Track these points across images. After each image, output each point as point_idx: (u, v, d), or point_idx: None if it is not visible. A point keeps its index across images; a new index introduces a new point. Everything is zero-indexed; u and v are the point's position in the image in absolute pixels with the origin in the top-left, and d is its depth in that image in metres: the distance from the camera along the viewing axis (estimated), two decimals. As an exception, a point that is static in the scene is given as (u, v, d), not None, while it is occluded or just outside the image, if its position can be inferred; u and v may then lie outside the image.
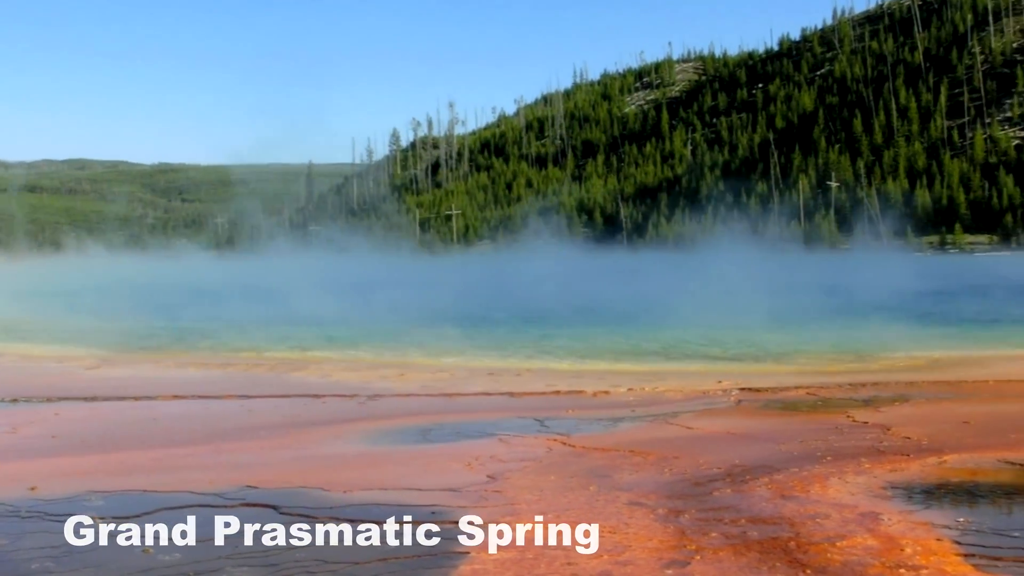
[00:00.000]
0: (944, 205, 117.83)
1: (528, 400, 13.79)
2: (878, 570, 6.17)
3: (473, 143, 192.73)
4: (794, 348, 20.82)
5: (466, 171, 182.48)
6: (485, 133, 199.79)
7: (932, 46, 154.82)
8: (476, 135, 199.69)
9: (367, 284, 45.05)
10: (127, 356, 20.68)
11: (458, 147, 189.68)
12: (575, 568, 6.23)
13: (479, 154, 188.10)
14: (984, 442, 10.25)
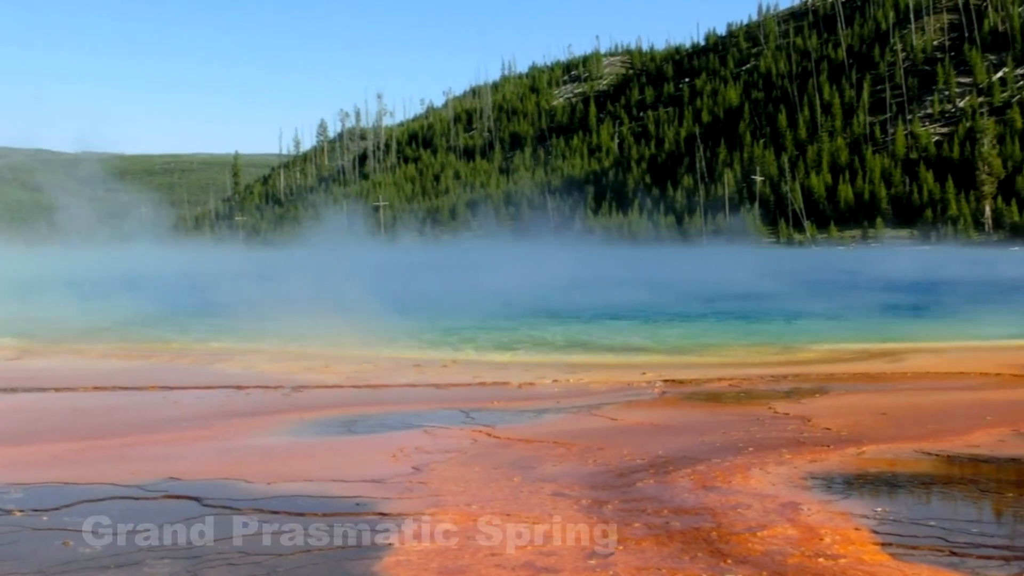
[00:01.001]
0: (866, 200, 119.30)
1: (454, 391, 13.81)
2: (798, 559, 6.25)
3: (401, 135, 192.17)
4: (718, 341, 21.02)
5: (394, 163, 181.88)
6: (413, 125, 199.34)
7: (855, 43, 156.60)
8: (404, 127, 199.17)
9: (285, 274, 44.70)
10: (49, 347, 20.40)
11: (386, 138, 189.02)
12: (499, 559, 6.25)
13: (407, 146, 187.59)
14: (901, 433, 10.42)
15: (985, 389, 13.78)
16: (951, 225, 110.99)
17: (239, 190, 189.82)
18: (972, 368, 15.92)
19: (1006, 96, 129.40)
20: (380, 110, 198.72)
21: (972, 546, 6.52)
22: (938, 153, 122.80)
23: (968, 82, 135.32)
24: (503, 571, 6.01)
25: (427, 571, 6.01)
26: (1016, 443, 9.88)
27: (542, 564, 6.14)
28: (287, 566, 6.16)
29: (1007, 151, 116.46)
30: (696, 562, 6.17)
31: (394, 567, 6.09)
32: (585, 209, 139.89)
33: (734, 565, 6.12)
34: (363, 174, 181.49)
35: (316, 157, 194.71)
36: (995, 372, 15.41)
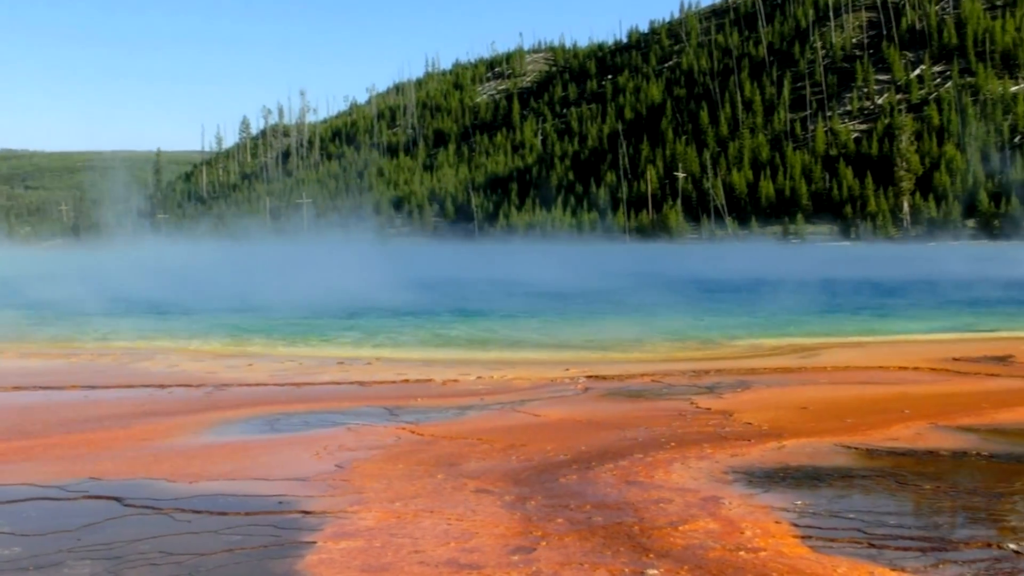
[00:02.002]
0: (787, 196, 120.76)
1: (378, 389, 13.76)
2: (719, 553, 6.29)
3: (325, 132, 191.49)
4: (640, 336, 21.14)
5: (317, 160, 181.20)
6: (337, 122, 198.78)
7: (776, 40, 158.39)
8: (328, 124, 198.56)
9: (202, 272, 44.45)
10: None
11: (309, 135, 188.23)
12: (422, 556, 6.24)
13: (331, 143, 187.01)
14: (821, 427, 10.54)
15: (904, 383, 13.98)
16: (870, 221, 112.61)
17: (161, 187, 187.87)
18: (891, 362, 16.16)
19: (923, 93, 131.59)
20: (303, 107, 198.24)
21: (890, 538, 6.60)
22: (857, 150, 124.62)
23: (886, 79, 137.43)
24: (426, 568, 6.00)
25: (350, 569, 5.98)
26: (934, 436, 10.02)
27: (465, 560, 6.13)
28: (209, 565, 6.10)
29: (925, 148, 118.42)
30: (618, 557, 6.20)
31: (317, 565, 6.05)
32: (509, 206, 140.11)
33: (656, 559, 6.15)
34: (286, 171, 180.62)
35: (239, 154, 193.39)
36: (914, 366, 15.65)
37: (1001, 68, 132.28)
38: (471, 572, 5.92)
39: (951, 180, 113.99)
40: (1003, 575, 5.90)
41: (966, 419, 10.93)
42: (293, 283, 35.89)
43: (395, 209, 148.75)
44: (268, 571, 6.00)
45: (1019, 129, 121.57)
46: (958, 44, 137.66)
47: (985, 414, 11.24)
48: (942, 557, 6.21)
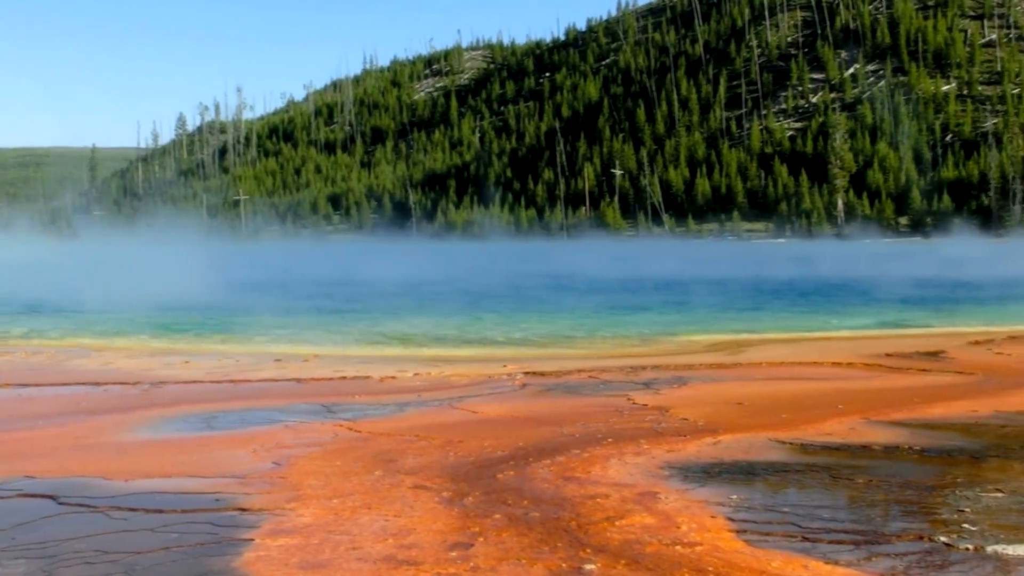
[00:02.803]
0: (723, 193, 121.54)
1: (315, 386, 13.72)
2: (655, 547, 6.34)
3: (261, 128, 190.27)
4: (579, 332, 21.21)
5: (254, 156, 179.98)
6: (274, 119, 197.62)
7: (712, 39, 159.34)
8: (265, 120, 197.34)
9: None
10: None
11: (246, 132, 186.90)
12: (360, 552, 6.24)
13: (267, 139, 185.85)
14: (756, 422, 10.64)
15: (838, 379, 14.15)
16: (805, 218, 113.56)
17: (96, 184, 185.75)
18: (825, 358, 16.33)
19: (857, 92, 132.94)
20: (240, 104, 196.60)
21: (824, 531, 6.68)
22: (792, 148, 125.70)
23: (821, 78, 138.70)
24: (364, 564, 6.00)
25: (287, 566, 5.97)
26: (867, 431, 10.15)
27: (403, 557, 6.14)
28: (145, 564, 6.06)
29: (858, 145, 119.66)
30: (555, 552, 6.23)
31: (254, 563, 6.04)
32: (447, 203, 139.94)
33: (593, 554, 6.19)
34: (223, 168, 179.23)
35: (175, 151, 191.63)
36: (847, 362, 15.83)
37: (933, 67, 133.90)
38: (409, 568, 5.93)
39: (884, 178, 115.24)
40: (934, 567, 5.98)
41: (898, 414, 11.08)
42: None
43: (333, 206, 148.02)
44: (205, 568, 5.97)
45: (950, 128, 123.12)
46: (891, 43, 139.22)
47: (917, 409, 11.40)
48: (874, 550, 6.29)
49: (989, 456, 9.03)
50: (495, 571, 5.87)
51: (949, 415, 11.04)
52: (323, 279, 42.16)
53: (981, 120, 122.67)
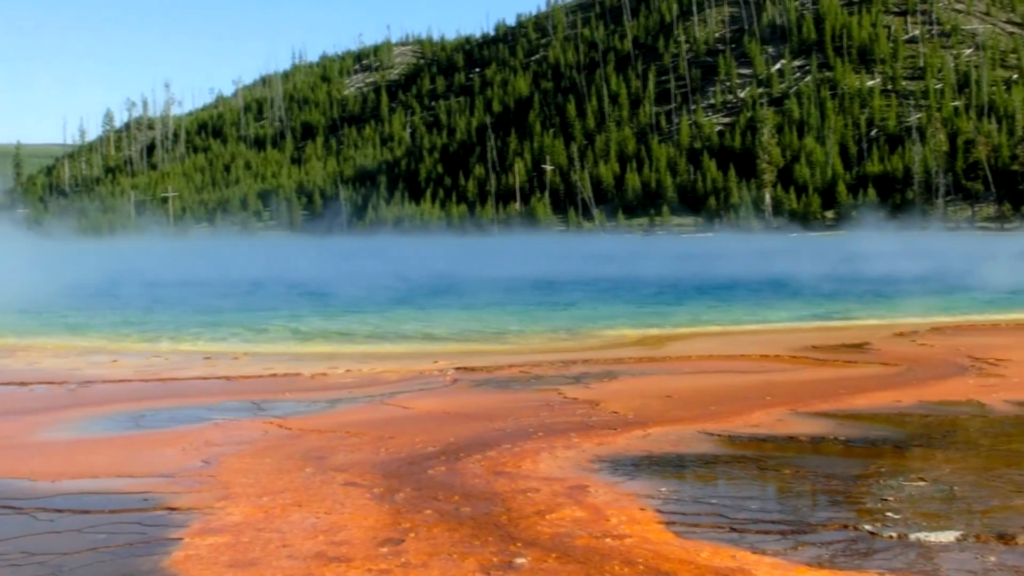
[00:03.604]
0: (653, 188, 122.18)
1: (245, 383, 13.64)
2: (585, 540, 6.38)
3: (190, 124, 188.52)
4: (509, 328, 21.26)
5: (183, 153, 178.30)
6: (203, 114, 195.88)
7: (641, 34, 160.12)
8: (193, 116, 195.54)
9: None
10: None
11: (175, 128, 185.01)
12: (290, 550, 6.23)
13: (196, 135, 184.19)
14: (685, 415, 10.74)
15: (765, 371, 14.29)
16: (733, 212, 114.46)
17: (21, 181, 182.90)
18: (753, 351, 16.49)
19: (784, 87, 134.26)
20: (168, 99, 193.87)
21: (751, 522, 6.77)
22: (721, 143, 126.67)
23: (748, 73, 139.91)
24: (294, 562, 5.99)
25: (217, 565, 5.95)
26: (794, 422, 10.28)
27: (333, 554, 6.14)
28: (72, 565, 6.01)
29: (785, 140, 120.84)
30: (486, 546, 6.25)
31: (183, 562, 6.01)
32: (378, 199, 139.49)
33: (523, 548, 6.22)
34: (151, 164, 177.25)
35: (102, 147, 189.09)
36: (774, 354, 15.99)
37: (858, 63, 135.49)
38: (339, 565, 5.93)
39: (811, 172, 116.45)
40: (859, 555, 6.08)
41: (824, 405, 11.22)
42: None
43: (263, 203, 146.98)
44: (133, 569, 5.93)
45: (875, 123, 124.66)
46: (817, 39, 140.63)
47: (842, 400, 11.56)
48: (801, 540, 6.39)
49: (912, 446, 9.18)
50: (426, 567, 5.89)
51: (873, 406, 11.20)
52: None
53: (905, 115, 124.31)
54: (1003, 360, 14.82)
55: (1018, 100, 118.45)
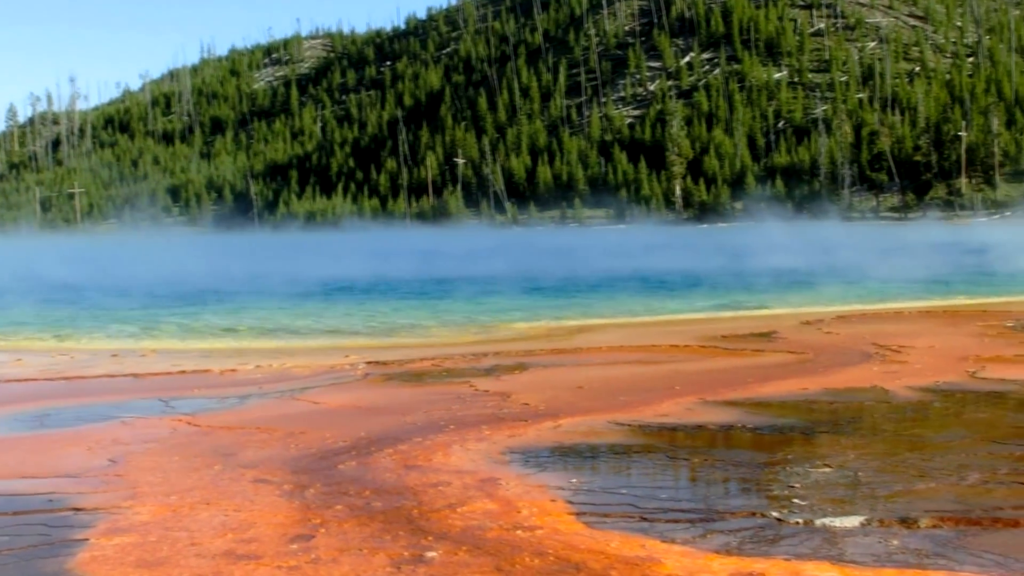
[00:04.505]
0: (564, 181, 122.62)
1: (153, 381, 13.48)
2: (496, 533, 6.40)
3: (97, 119, 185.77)
4: (419, 321, 21.24)
5: (89, 148, 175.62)
6: (109, 109, 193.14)
7: (551, 28, 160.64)
8: (100, 111, 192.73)
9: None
10: None
11: (80, 123, 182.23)
12: (199, 548, 6.17)
13: (103, 130, 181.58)
14: (596, 405, 10.80)
15: (675, 361, 14.41)
16: (644, 205, 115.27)
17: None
18: (663, 341, 16.63)
19: (693, 80, 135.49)
20: (73, 94, 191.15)
21: (661, 511, 6.82)
22: (631, 135, 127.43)
23: (658, 66, 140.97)
24: (203, 560, 5.94)
25: (124, 565, 5.88)
26: (702, 411, 10.38)
27: (243, 551, 6.09)
28: (-27, 568, 5.91)
29: (695, 133, 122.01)
30: (397, 541, 6.25)
31: (89, 563, 5.93)
32: (289, 194, 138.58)
33: (434, 542, 6.22)
34: (57, 160, 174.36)
35: (6, 143, 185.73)
36: (684, 344, 16.13)
37: (765, 56, 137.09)
38: (249, 562, 5.89)
39: (720, 164, 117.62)
40: (766, 542, 6.16)
41: (732, 394, 11.35)
42: None
43: (172, 198, 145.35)
44: (38, 571, 5.84)
45: (782, 115, 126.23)
46: (725, 32, 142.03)
47: (750, 388, 11.69)
48: (710, 527, 6.46)
49: (819, 433, 9.31)
50: (336, 562, 5.87)
51: (781, 394, 11.35)
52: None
53: (811, 107, 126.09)
54: (906, 347, 15.09)
55: (920, 92, 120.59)
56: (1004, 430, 9.25)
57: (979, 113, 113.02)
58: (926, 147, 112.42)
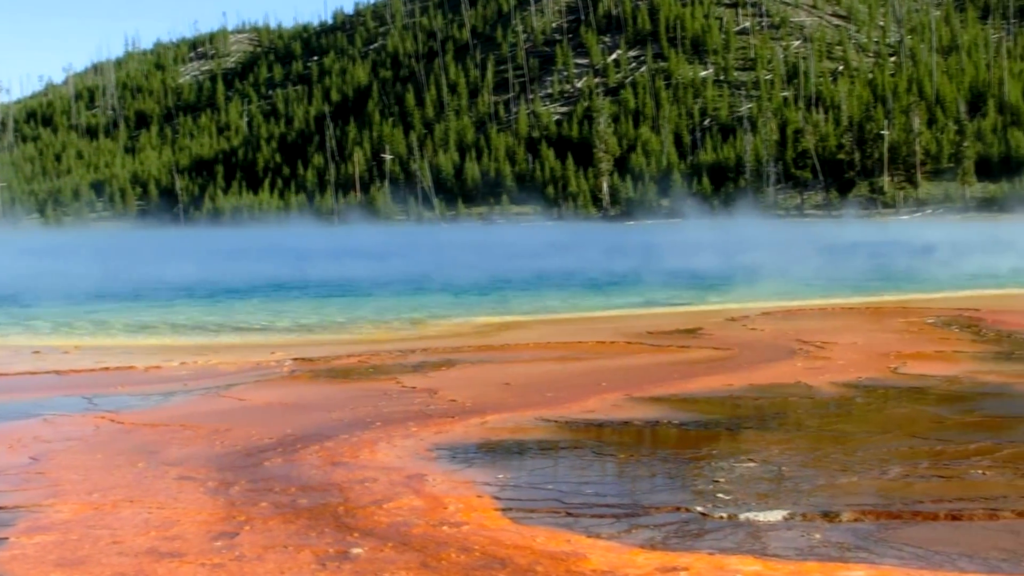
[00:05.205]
0: (492, 177, 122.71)
1: (76, 378, 13.30)
2: (422, 529, 6.40)
3: (18, 113, 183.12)
4: (349, 318, 21.17)
5: (11, 142, 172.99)
6: (31, 102, 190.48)
7: (479, 24, 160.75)
8: (22, 104, 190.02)
9: None
10: None
11: (2, 117, 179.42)
12: (121, 546, 6.11)
13: (25, 124, 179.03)
14: (523, 401, 10.82)
15: (601, 357, 14.49)
16: (572, 201, 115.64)
17: None
18: (590, 337, 16.69)
19: (620, 77, 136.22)
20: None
21: (586, 506, 6.85)
22: (559, 132, 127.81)
23: (585, 63, 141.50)
24: (125, 559, 5.88)
25: (44, 564, 5.81)
26: (628, 407, 10.44)
27: (166, 549, 6.04)
28: None
29: (622, 130, 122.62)
30: (323, 537, 6.23)
31: (8, 562, 5.85)
32: (215, 189, 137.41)
33: (360, 538, 6.20)
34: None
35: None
36: (611, 340, 16.21)
37: (691, 54, 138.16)
38: (172, 560, 5.84)
39: (647, 161, 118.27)
40: (691, 536, 6.22)
41: (658, 390, 11.42)
42: None
43: (96, 193, 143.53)
44: (-44, 570, 5.76)
45: (708, 112, 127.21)
46: (651, 30, 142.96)
47: (676, 384, 11.78)
48: (635, 522, 6.50)
49: (744, 428, 9.41)
50: (261, 559, 5.84)
51: (706, 390, 11.44)
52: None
53: (737, 105, 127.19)
54: (829, 343, 15.27)
55: (844, 91, 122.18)
56: (924, 425, 9.39)
57: (901, 112, 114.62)
58: (849, 145, 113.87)
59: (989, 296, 24.13)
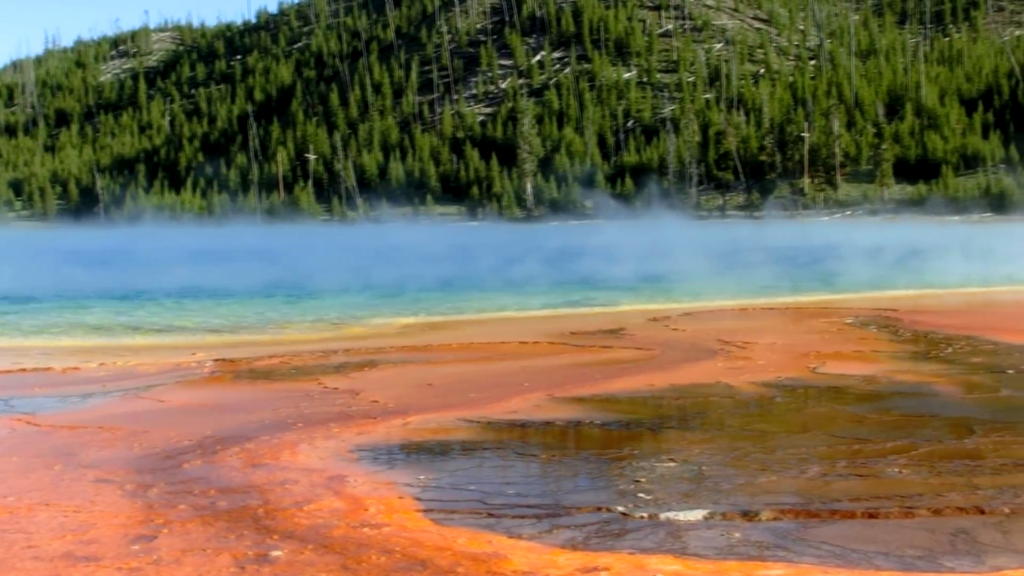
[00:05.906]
0: (416, 177, 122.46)
1: (-10, 380, 13.12)
2: (343, 531, 6.38)
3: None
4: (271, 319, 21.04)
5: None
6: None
7: (403, 24, 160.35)
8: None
9: None
10: None
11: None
12: (36, 551, 6.03)
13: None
14: (445, 402, 10.83)
15: (524, 357, 14.52)
16: (496, 202, 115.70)
17: None
18: (513, 338, 16.71)
19: (544, 78, 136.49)
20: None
21: (508, 507, 6.88)
22: (483, 133, 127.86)
23: (509, 64, 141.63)
24: (40, 563, 5.81)
25: (-43, 569, 5.73)
26: (551, 407, 10.48)
27: (82, 553, 5.97)
28: None
29: (546, 131, 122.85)
30: (242, 540, 6.19)
31: (-80, 568, 5.76)
32: (137, 188, 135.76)
33: (280, 540, 6.18)
34: None
35: None
36: (534, 340, 16.25)
37: (615, 55, 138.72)
38: (88, 564, 5.78)
39: (571, 163, 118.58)
40: (612, 536, 6.26)
41: (581, 390, 11.48)
42: None
43: (14, 192, 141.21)
44: None
45: (632, 114, 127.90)
46: (575, 32, 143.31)
47: (598, 384, 11.84)
48: (556, 523, 6.53)
49: (665, 428, 9.49)
50: (179, 563, 5.79)
51: (628, 389, 11.52)
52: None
53: (660, 107, 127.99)
54: (749, 343, 15.42)
55: (765, 94, 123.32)
56: (842, 424, 9.52)
57: (821, 115, 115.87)
58: (770, 147, 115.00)
59: (907, 296, 24.47)
